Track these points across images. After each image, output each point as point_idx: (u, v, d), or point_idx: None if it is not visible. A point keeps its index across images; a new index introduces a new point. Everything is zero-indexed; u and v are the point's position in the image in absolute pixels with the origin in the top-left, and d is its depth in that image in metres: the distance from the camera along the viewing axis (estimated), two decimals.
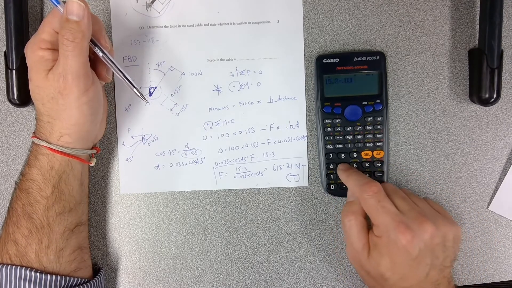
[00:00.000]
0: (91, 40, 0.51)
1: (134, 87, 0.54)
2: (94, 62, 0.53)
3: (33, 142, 0.53)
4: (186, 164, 0.63)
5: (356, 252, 0.54)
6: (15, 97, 0.58)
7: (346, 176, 0.58)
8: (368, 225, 0.55)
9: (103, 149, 0.62)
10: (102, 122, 0.57)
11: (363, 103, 0.60)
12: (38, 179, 0.52)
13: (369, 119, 0.60)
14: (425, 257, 0.50)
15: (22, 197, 0.52)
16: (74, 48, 0.47)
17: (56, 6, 0.49)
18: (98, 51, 0.52)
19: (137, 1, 0.61)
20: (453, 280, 0.54)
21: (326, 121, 0.60)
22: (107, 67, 0.54)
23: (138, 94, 0.55)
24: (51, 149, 0.51)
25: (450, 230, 0.52)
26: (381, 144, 0.60)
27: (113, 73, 0.55)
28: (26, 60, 0.51)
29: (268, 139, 0.63)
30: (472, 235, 0.63)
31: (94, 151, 0.56)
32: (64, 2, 0.48)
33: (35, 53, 0.49)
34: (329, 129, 0.60)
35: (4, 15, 0.57)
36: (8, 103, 0.59)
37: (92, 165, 0.57)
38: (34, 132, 0.54)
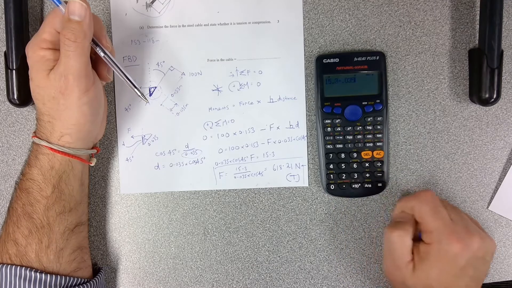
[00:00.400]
0: (93, 40, 0.51)
1: (135, 87, 0.54)
2: (95, 62, 0.53)
3: (33, 142, 0.53)
4: (186, 164, 0.63)
5: (399, 268, 0.53)
6: (15, 97, 0.58)
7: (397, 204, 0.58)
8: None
9: (103, 149, 0.62)
10: (102, 122, 0.57)
11: (363, 103, 0.60)
12: (38, 179, 0.52)
13: (369, 119, 0.60)
14: (469, 268, 0.51)
15: (22, 197, 0.52)
16: (76, 48, 0.47)
17: (58, 6, 0.49)
18: (99, 51, 0.52)
19: (137, 1, 0.61)
20: None
21: (326, 121, 0.60)
22: (108, 67, 0.54)
23: (139, 94, 0.55)
24: (51, 149, 0.51)
25: (491, 245, 0.52)
26: (381, 144, 0.60)
27: (113, 72, 0.55)
28: (27, 59, 0.51)
29: (268, 139, 0.63)
30: None
31: (94, 151, 0.56)
32: (66, 2, 0.48)
33: (36, 53, 0.49)
34: (329, 129, 0.60)
35: (4, 15, 0.57)
36: (8, 103, 0.59)
37: (92, 165, 0.57)
38: (34, 132, 0.54)
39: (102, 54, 0.52)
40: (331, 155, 0.61)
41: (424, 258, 0.52)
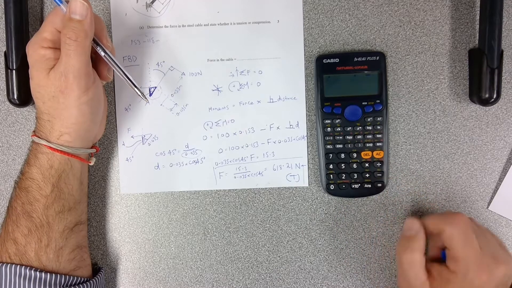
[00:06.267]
0: (93, 40, 0.51)
1: (136, 86, 0.54)
2: (95, 61, 0.53)
3: (33, 141, 0.53)
4: (186, 164, 0.63)
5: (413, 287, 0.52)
6: (15, 97, 0.58)
7: (422, 221, 0.55)
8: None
9: (103, 149, 0.62)
10: (102, 122, 0.57)
11: (363, 103, 0.60)
12: (37, 178, 0.52)
13: (369, 119, 0.60)
14: None
15: (21, 196, 0.52)
16: (77, 47, 0.48)
17: (59, 5, 0.49)
18: (100, 50, 0.52)
19: (137, 1, 0.61)
20: None
21: (326, 121, 0.60)
22: (108, 66, 0.54)
23: (139, 93, 0.55)
24: (50, 148, 0.51)
25: None
26: (381, 144, 0.60)
27: (114, 72, 0.55)
28: (27, 58, 0.51)
29: (268, 139, 0.63)
30: None
31: (94, 150, 0.56)
32: (67, 1, 0.48)
33: (37, 51, 0.49)
34: (329, 129, 0.60)
35: (4, 15, 0.57)
36: (8, 103, 0.59)
37: (91, 164, 0.57)
38: (34, 131, 0.53)
39: (102, 54, 0.52)
40: (331, 155, 0.61)
41: (445, 285, 0.50)
